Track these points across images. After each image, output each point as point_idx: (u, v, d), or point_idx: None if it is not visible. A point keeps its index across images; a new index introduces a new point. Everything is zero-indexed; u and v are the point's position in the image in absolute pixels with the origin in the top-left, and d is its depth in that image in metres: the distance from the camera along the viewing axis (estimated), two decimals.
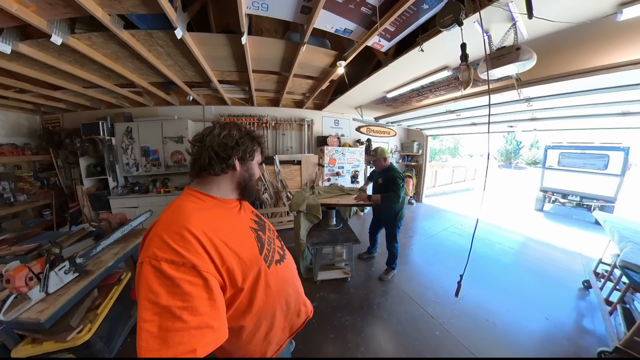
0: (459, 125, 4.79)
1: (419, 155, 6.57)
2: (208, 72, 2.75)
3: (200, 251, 0.55)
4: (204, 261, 0.55)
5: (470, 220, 5.16)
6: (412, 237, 4.11)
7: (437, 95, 3.41)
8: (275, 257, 0.79)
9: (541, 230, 4.67)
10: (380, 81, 2.98)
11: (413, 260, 3.29)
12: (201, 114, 4.36)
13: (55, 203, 3.92)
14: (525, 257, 3.48)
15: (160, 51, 2.27)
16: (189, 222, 0.57)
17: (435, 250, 3.58)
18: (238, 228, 0.71)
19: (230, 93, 4.08)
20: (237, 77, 3.28)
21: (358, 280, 2.74)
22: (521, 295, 2.54)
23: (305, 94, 4.26)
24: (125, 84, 3.15)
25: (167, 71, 2.70)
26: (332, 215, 2.78)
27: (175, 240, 0.54)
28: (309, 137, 5.07)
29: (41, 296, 1.21)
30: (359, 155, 5.19)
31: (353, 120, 5.64)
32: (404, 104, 3.92)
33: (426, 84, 2.98)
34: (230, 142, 0.70)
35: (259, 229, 0.80)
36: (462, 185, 9.47)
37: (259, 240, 0.75)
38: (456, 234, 4.30)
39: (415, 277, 2.85)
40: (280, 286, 0.75)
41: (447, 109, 3.60)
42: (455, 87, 2.98)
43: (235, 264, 0.61)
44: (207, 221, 0.62)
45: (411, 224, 4.78)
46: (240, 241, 0.67)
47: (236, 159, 0.72)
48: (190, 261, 0.52)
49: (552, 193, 5.92)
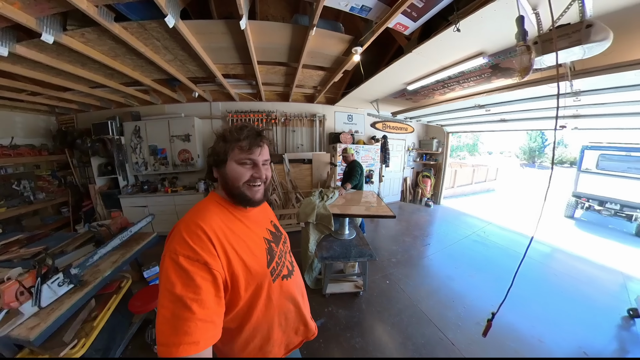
0: (486, 121, 4.31)
1: (439, 154, 6.12)
2: (210, 65, 2.56)
3: (212, 251, 0.58)
4: (215, 260, 0.58)
5: (493, 227, 4.68)
6: (429, 245, 3.74)
7: (464, 88, 2.99)
8: (283, 271, 0.78)
9: (572, 240, 4.14)
10: (400, 71, 2.62)
11: (432, 273, 2.94)
12: (208, 111, 4.22)
13: (71, 201, 4.04)
14: (555, 272, 3.03)
15: (157, 45, 2.12)
16: (204, 224, 0.61)
17: (455, 261, 3.20)
18: (250, 237, 0.72)
19: (236, 88, 3.89)
20: (242, 71, 3.04)
21: (371, 295, 2.46)
22: (554, 321, 2.16)
23: (316, 87, 3.97)
24: (130, 82, 3.05)
25: (168, 67, 2.55)
26: (345, 223, 2.48)
27: (192, 238, 0.58)
28: (321, 133, 4.79)
29: (34, 310, 1.16)
30: (374, 153, 4.88)
31: (368, 116, 5.27)
32: (425, 97, 3.52)
33: (454, 74, 2.59)
34: (211, 154, 0.74)
35: (273, 241, 0.81)
36: (483, 186, 8.88)
37: (270, 253, 0.75)
38: (479, 242, 3.88)
39: (435, 293, 2.52)
40: (282, 301, 0.75)
41: (476, 104, 3.17)
42: (488, 77, 2.57)
43: (240, 271, 0.62)
44: (221, 225, 0.65)
45: (428, 229, 4.40)
46: (250, 250, 0.68)
47: (213, 167, 0.75)
48: (203, 258, 0.56)
49: (588, 199, 5.28)
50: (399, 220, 4.83)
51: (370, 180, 4.84)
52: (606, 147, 5.19)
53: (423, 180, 6.08)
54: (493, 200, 7.46)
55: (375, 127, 5.40)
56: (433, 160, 6.21)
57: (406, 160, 6.17)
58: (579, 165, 5.54)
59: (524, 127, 4.18)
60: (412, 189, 6.36)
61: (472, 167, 8.78)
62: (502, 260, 3.27)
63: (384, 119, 5.45)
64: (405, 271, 2.90)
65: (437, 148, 6.05)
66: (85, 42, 1.93)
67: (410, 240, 3.84)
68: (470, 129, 5.46)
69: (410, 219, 4.91)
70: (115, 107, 4.07)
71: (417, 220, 4.89)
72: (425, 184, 6.03)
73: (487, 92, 2.67)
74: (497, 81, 2.67)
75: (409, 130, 5.95)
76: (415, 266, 3.05)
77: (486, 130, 5.17)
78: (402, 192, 6.35)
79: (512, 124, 4.09)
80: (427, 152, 6.21)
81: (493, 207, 6.43)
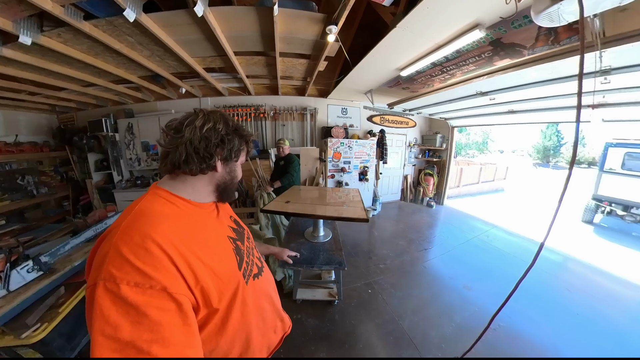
0: (493, 113, 3.83)
1: (443, 150, 5.65)
2: (187, 59, 2.46)
3: (170, 269, 0.45)
4: (177, 281, 0.45)
5: (499, 231, 4.19)
6: (427, 249, 3.33)
7: (464, 72, 2.57)
8: (253, 270, 0.70)
9: (590, 248, 3.60)
10: (389, 53, 2.25)
11: (424, 282, 2.55)
12: (197, 106, 3.93)
13: (72, 195, 4.23)
14: (568, 286, 2.55)
15: (130, 41, 2.09)
16: (155, 232, 0.46)
17: (452, 270, 2.79)
18: (215, 239, 0.61)
19: (223, 82, 3.77)
20: (222, 63, 2.85)
21: (348, 305, 2.13)
22: (565, 350, 1.74)
23: (306, 79, 3.67)
24: (119, 80, 3.06)
25: (148, 62, 2.51)
26: (319, 224, 2.14)
27: (138, 255, 0.43)
28: (312, 128, 4.50)
29: (2, 293, 1.25)
30: (370, 148, 4.49)
31: (364, 109, 4.91)
32: (424, 85, 3.11)
33: (451, 55, 2.18)
34: (215, 139, 0.58)
35: (238, 239, 0.70)
36: (491, 186, 8.31)
37: (238, 253, 0.65)
38: (480, 248, 3.44)
39: (423, 308, 2.15)
40: (257, 302, 0.67)
41: (478, 90, 2.74)
42: (489, 58, 2.15)
43: (211, 282, 0.51)
44: (179, 231, 0.51)
45: (427, 233, 3.97)
46: (218, 255, 0.57)
47: (219, 159, 0.61)
48: (159, 282, 0.42)
49: (610, 203, 4.65)
50: (396, 221, 4.45)
51: (365, 178, 4.48)
52: (634, 144, 4.52)
53: (425, 178, 5.65)
54: (501, 201, 6.89)
55: (372, 120, 5.02)
56: (436, 157, 5.74)
57: (407, 157, 5.76)
58: (601, 165, 4.88)
59: (537, 119, 3.66)
60: (413, 187, 5.95)
61: (479, 166, 8.24)
62: (505, 270, 2.84)
63: (382, 111, 5.05)
64: (392, 279, 2.55)
65: (441, 144, 5.59)
66: (64, 42, 1.95)
67: (405, 244, 3.45)
68: (476, 123, 4.94)
69: (408, 220, 4.51)
70: (111, 105, 4.13)
71: (415, 221, 4.48)
72: (427, 182, 5.60)
73: (490, 73, 2.23)
74: (501, 62, 2.24)
75: (410, 124, 5.52)
76: (406, 274, 2.67)
77: (494, 124, 4.65)
78: (403, 191, 5.94)
79: (522, 116, 3.59)
80: (430, 148, 5.75)
81: (500, 208, 5.89)
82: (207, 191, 0.64)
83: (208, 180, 0.63)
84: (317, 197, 2.47)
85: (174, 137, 0.57)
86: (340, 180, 4.29)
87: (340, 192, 2.67)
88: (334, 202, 2.25)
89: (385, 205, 5.25)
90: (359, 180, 4.46)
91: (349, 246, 3.24)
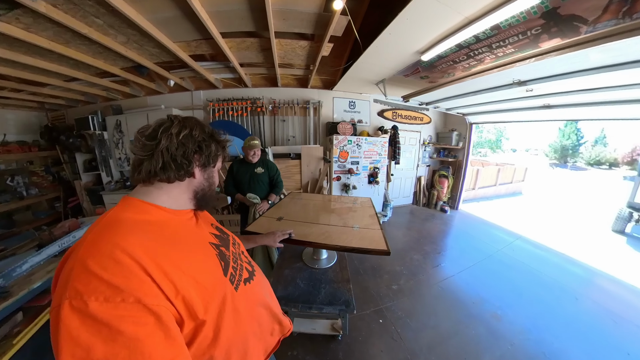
0: (522, 109, 3.41)
1: (459, 149, 5.27)
2: (169, 45, 2.24)
3: (143, 278, 0.42)
4: (152, 291, 0.42)
5: (523, 242, 3.79)
6: (443, 265, 2.96)
7: (497, 57, 2.18)
8: (243, 275, 0.68)
9: (629, 265, 3.16)
10: (410, 30, 1.89)
11: (442, 308, 2.18)
12: (189, 101, 3.93)
13: (63, 196, 4.13)
14: (614, 316, 2.16)
15: (99, 24, 1.89)
16: (125, 241, 0.45)
17: (474, 292, 2.42)
18: (195, 246, 0.60)
19: (215, 73, 3.50)
20: (209, 48, 2.59)
21: (355, 340, 1.79)
22: None
23: (308, 67, 3.33)
24: (102, 73, 2.93)
25: (126, 51, 2.34)
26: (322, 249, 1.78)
27: (106, 267, 0.41)
28: (316, 123, 4.16)
29: None
30: (381, 147, 4.16)
31: (374, 103, 4.54)
32: (444, 73, 2.72)
33: (484, 33, 1.80)
34: (192, 145, 0.60)
35: (222, 244, 0.69)
36: (509, 189, 7.88)
37: (222, 259, 0.64)
38: (505, 264, 3.03)
39: (440, 344, 1.79)
40: (251, 308, 0.66)
41: (515, 79, 2.34)
42: (535, 37, 1.76)
43: (193, 292, 0.49)
44: (153, 239, 0.49)
45: (442, 243, 3.60)
46: (199, 262, 0.56)
47: (197, 165, 0.63)
48: (131, 294, 0.40)
49: None
50: (408, 229, 4.11)
51: (375, 180, 4.13)
52: None
53: (439, 180, 5.27)
54: (521, 205, 6.48)
55: (384, 115, 4.65)
56: (452, 157, 5.36)
57: (421, 157, 5.40)
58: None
59: (578, 115, 3.23)
60: (426, 190, 5.58)
61: (496, 166, 7.80)
62: (538, 292, 2.47)
63: (394, 105, 4.68)
64: (407, 304, 2.21)
65: (458, 142, 5.21)
66: (25, 27, 1.80)
67: (420, 258, 3.10)
68: (500, 119, 4.50)
69: (422, 228, 4.16)
70: (101, 102, 3.99)
71: (429, 229, 4.14)
72: (441, 184, 5.22)
73: (539, 55, 1.83)
74: (547, 44, 1.85)
75: (424, 120, 5.13)
76: (422, 297, 2.34)
77: (522, 121, 4.20)
78: (415, 194, 5.58)
79: (559, 113, 3.16)
80: (446, 146, 5.38)
81: (521, 214, 5.50)
82: (185, 199, 0.64)
83: (185, 188, 0.63)
84: (317, 211, 2.11)
85: (148, 144, 0.57)
86: (347, 184, 3.96)
87: (348, 203, 2.30)
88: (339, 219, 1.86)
89: (397, 210, 4.95)
90: (368, 183, 4.14)
91: (356, 260, 2.91)
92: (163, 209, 0.58)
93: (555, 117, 3.46)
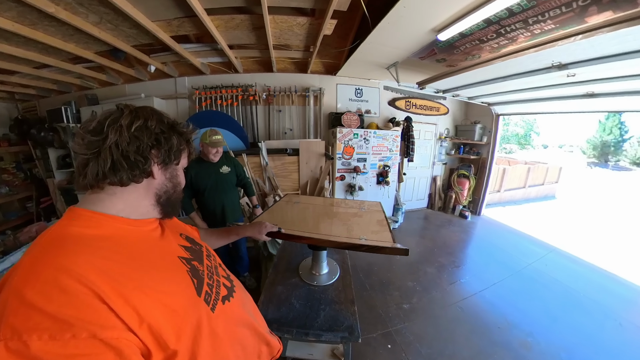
0: (560, 97, 3.26)
1: (483, 145, 5.14)
2: (147, 24, 2.17)
3: (98, 307, 0.40)
4: (108, 322, 0.40)
5: (557, 255, 3.65)
6: (457, 282, 2.86)
7: (533, 35, 2.04)
8: (221, 292, 0.67)
9: None
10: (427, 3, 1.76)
11: (462, 334, 2.09)
12: (173, 88, 3.90)
13: (35, 196, 4.14)
14: None
15: (67, 1, 1.86)
16: (72, 262, 0.42)
17: (499, 314, 2.33)
18: (160, 262, 0.58)
19: (201, 56, 3.46)
20: (193, 28, 2.54)
21: None
22: None
23: (308, 49, 3.26)
24: (75, 58, 2.94)
25: (100, 32, 2.30)
26: (321, 257, 1.68)
27: (49, 297, 0.38)
28: (317, 114, 4.10)
29: None
30: (392, 141, 4.09)
31: (384, 90, 4.45)
32: (466, 56, 2.60)
33: (518, 6, 1.67)
34: (148, 138, 0.57)
35: (193, 258, 0.69)
36: (540, 191, 7.76)
37: (195, 275, 0.63)
38: (537, 281, 2.92)
39: None
40: (232, 330, 0.66)
41: (554, 62, 2.20)
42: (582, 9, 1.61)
43: (161, 318, 0.47)
44: (106, 257, 0.47)
45: (460, 255, 3.53)
46: (166, 282, 0.55)
47: (156, 163, 0.60)
48: (84, 328, 0.38)
49: None
50: (422, 237, 4.06)
51: (385, 180, 4.05)
52: None
53: (459, 181, 5.16)
54: (554, 211, 6.38)
55: (396, 105, 4.56)
56: (474, 154, 5.23)
57: (437, 153, 5.30)
58: None
59: (626, 106, 3.06)
60: (442, 192, 5.49)
61: (525, 165, 7.67)
62: (575, 317, 2.36)
63: (408, 93, 4.57)
64: (419, 327, 2.15)
65: (481, 137, 5.09)
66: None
67: (434, 271, 3.03)
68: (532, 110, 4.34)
69: (437, 237, 4.09)
70: (75, 90, 3.98)
71: (446, 238, 4.07)
72: (461, 186, 5.11)
73: (585, 32, 1.69)
74: (598, 18, 1.70)
75: (440, 110, 5.01)
76: (437, 319, 2.26)
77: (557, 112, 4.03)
78: (430, 196, 5.51)
79: (603, 102, 3.00)
80: (466, 142, 5.26)
81: (555, 222, 5.40)
82: (146, 205, 0.62)
83: (144, 192, 0.61)
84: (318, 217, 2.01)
85: (93, 140, 0.54)
86: (353, 184, 3.87)
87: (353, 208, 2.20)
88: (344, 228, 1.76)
89: (409, 215, 4.87)
90: (376, 184, 4.07)
91: (362, 273, 2.86)
92: (119, 220, 0.56)
93: (599, 107, 3.31)
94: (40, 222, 2.05)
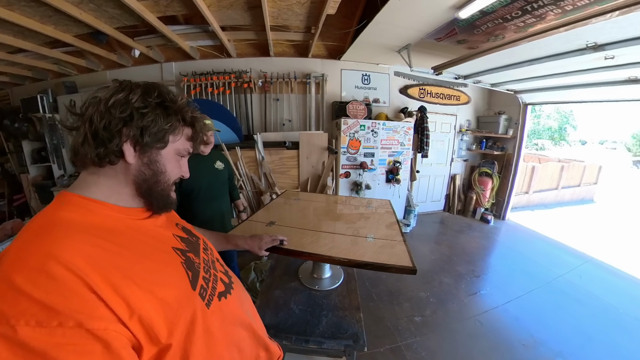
0: (597, 83, 3.27)
1: (508, 139, 5.16)
2: (132, 4, 2.26)
3: (86, 296, 0.43)
4: (97, 312, 0.43)
5: (594, 266, 3.67)
6: (477, 293, 2.89)
7: (565, 12, 2.04)
8: (218, 287, 0.71)
9: None
10: None
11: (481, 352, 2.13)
12: (159, 75, 4.02)
13: (8, 193, 4.25)
14: None
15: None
16: (61, 250, 0.45)
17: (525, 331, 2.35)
18: (153, 252, 0.61)
19: (190, 39, 3.59)
20: (183, 7, 2.65)
21: None
22: None
23: (309, 30, 3.35)
24: (52, 42, 3.00)
25: (80, 13, 2.35)
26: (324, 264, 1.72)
27: (37, 283, 0.41)
28: (319, 103, 4.20)
29: None
30: (404, 134, 4.15)
31: (395, 76, 4.56)
32: (489, 37, 2.62)
33: None
34: (121, 113, 0.57)
35: (189, 250, 0.71)
36: (576, 193, 7.74)
37: (190, 268, 0.65)
38: (569, 295, 2.93)
39: None
40: (228, 330, 0.68)
41: (588, 42, 2.20)
42: None
43: (153, 310, 0.50)
44: (97, 245, 0.50)
45: (480, 264, 3.58)
46: (159, 273, 0.58)
47: (127, 141, 0.59)
48: (71, 316, 0.40)
49: None
50: (437, 243, 4.13)
51: (395, 178, 4.10)
52: None
53: (480, 180, 5.19)
54: (592, 217, 6.35)
55: (408, 93, 4.64)
56: (498, 150, 5.24)
57: (456, 148, 5.36)
58: None
59: None
60: (462, 193, 5.53)
61: (559, 163, 7.65)
62: (612, 336, 2.37)
63: (422, 80, 4.65)
64: (433, 342, 2.21)
65: (507, 130, 5.11)
66: None
67: (451, 281, 3.08)
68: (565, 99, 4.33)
69: (454, 243, 4.15)
70: (52, 78, 4.10)
71: (465, 244, 4.14)
72: (483, 186, 5.15)
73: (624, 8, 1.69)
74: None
75: (461, 99, 5.08)
76: (453, 334, 2.30)
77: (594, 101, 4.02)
78: (448, 197, 5.57)
79: None
80: (490, 135, 5.28)
81: (592, 228, 5.38)
82: (127, 194, 0.64)
83: (123, 178, 0.62)
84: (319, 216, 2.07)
85: (76, 115, 0.60)
86: (359, 182, 3.94)
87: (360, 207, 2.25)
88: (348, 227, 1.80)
89: (423, 218, 4.94)
90: (386, 182, 4.14)
91: (368, 282, 2.91)
92: (108, 206, 0.59)
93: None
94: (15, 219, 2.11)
